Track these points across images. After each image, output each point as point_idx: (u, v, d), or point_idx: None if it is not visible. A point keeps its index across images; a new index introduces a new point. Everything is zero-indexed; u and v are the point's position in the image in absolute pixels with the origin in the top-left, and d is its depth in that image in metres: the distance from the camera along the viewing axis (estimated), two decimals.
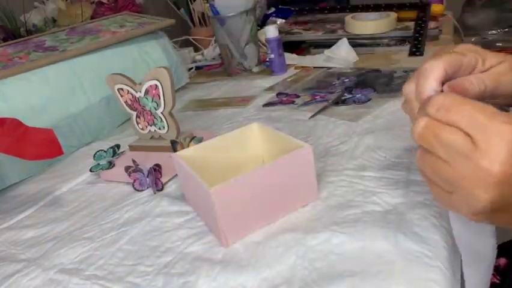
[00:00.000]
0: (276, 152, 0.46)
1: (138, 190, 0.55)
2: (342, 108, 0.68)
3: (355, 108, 0.67)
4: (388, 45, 0.98)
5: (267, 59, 0.96)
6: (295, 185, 0.43)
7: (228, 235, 0.40)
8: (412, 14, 1.04)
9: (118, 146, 0.64)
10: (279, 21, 1.19)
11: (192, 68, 1.13)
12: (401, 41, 0.97)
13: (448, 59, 0.34)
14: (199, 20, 1.30)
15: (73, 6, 1.06)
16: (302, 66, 0.95)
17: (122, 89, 0.61)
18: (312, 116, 0.67)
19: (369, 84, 0.75)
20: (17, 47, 0.76)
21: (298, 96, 0.76)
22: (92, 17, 1.06)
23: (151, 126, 0.62)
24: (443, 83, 0.33)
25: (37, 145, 0.52)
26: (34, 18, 1.06)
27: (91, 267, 0.42)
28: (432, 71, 0.33)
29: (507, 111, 0.36)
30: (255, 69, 0.99)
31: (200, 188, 0.40)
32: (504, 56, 0.37)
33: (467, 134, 0.27)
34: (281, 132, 0.47)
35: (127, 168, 0.56)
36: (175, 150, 0.55)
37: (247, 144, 0.50)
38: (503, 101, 0.39)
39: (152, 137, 0.63)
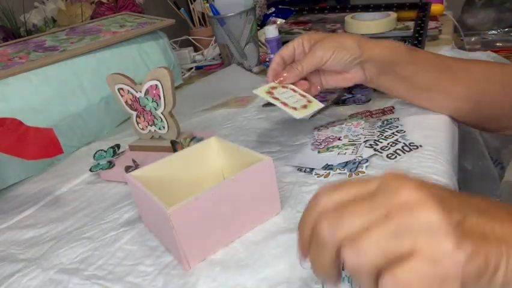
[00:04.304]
0: (236, 166, 0.44)
1: None
2: (342, 108, 0.68)
3: (355, 108, 0.67)
4: None
5: (267, 59, 0.96)
6: (257, 199, 0.41)
7: (190, 257, 0.38)
8: (412, 14, 1.04)
9: (118, 146, 0.64)
10: (279, 21, 1.19)
11: (192, 68, 1.13)
12: (401, 41, 0.97)
13: (283, 50, 0.56)
14: (199, 20, 1.30)
15: (73, 6, 1.06)
16: None
17: (122, 89, 0.61)
18: (312, 116, 0.67)
19: None
20: (17, 47, 0.76)
21: None
22: (92, 17, 1.06)
23: (151, 126, 0.62)
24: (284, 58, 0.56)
25: (37, 145, 0.53)
26: (34, 18, 1.06)
27: (91, 267, 0.42)
28: (273, 61, 0.57)
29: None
30: (255, 69, 0.99)
31: (157, 209, 0.38)
32: (328, 39, 0.54)
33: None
34: (241, 146, 0.45)
35: (127, 168, 0.56)
36: (175, 150, 0.55)
37: (206, 160, 0.48)
38: (343, 81, 0.57)
39: (152, 137, 0.63)
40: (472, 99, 0.54)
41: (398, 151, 0.50)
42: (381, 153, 0.50)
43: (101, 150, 0.63)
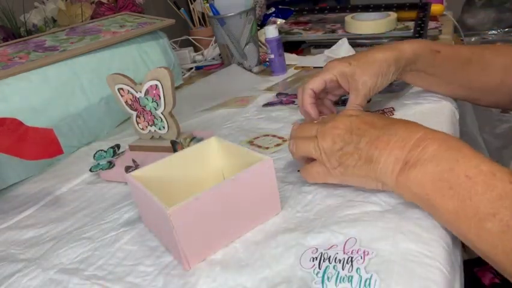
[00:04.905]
0: (236, 166, 0.44)
1: None
2: (342, 108, 0.68)
3: None
4: None
5: (267, 59, 0.96)
6: (257, 199, 0.41)
7: (190, 257, 0.38)
8: (412, 14, 1.04)
9: (118, 146, 0.64)
10: (279, 21, 1.19)
11: (192, 68, 1.13)
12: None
13: (314, 83, 0.56)
14: (199, 20, 1.30)
15: (73, 6, 1.06)
16: (302, 67, 0.95)
17: (122, 89, 0.61)
18: None
19: None
20: (17, 47, 0.76)
21: None
22: (92, 17, 1.06)
23: (151, 126, 0.62)
24: (315, 92, 0.57)
25: (37, 145, 0.53)
26: (34, 18, 1.06)
27: (91, 267, 0.42)
28: (305, 93, 0.57)
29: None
30: (255, 69, 0.99)
31: (157, 209, 0.37)
32: (367, 74, 0.54)
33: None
34: (241, 146, 0.45)
35: (127, 168, 0.56)
36: (175, 151, 0.55)
37: (206, 160, 0.48)
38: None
39: (152, 137, 0.63)
40: (491, 87, 0.57)
41: None
42: None
43: (101, 150, 0.63)
